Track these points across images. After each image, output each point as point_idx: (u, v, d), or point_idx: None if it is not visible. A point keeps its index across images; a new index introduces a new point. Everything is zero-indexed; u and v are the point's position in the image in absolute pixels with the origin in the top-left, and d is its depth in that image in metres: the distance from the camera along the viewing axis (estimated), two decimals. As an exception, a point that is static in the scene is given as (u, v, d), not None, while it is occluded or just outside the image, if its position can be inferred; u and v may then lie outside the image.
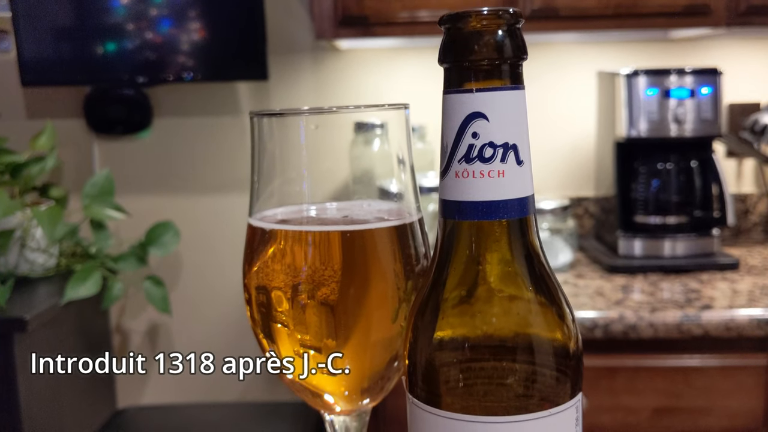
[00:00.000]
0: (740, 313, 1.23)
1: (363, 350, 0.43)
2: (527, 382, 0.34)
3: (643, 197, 1.51)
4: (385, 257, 0.43)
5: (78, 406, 1.57)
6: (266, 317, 0.44)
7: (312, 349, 0.43)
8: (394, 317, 0.43)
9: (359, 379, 0.45)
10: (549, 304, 0.35)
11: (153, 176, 1.75)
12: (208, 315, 1.77)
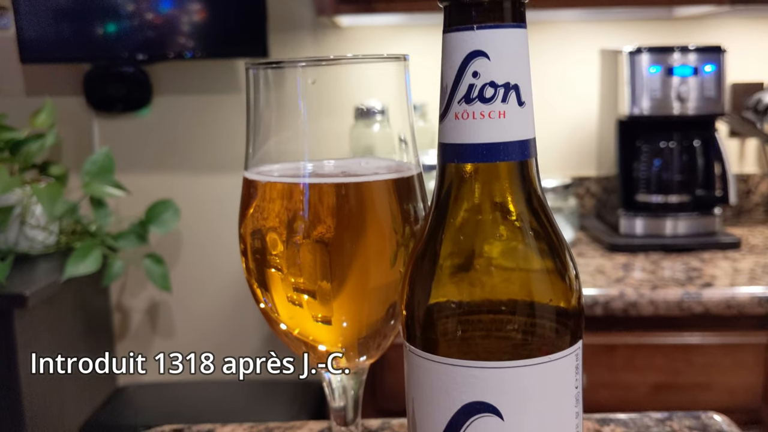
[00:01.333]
0: (741, 291, 1.22)
1: (360, 296, 0.43)
2: (527, 328, 0.33)
3: (645, 176, 1.50)
4: (383, 208, 0.43)
5: (78, 384, 1.57)
6: (261, 263, 0.43)
7: (306, 293, 0.42)
8: (392, 262, 0.42)
9: (356, 329, 0.44)
10: (550, 249, 0.34)
11: (153, 154, 1.74)
12: (208, 293, 1.77)
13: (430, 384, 0.34)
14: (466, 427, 0.34)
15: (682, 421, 0.58)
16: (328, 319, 0.43)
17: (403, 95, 0.46)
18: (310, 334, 0.45)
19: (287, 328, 0.45)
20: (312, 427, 0.59)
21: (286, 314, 0.44)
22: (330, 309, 0.43)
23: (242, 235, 0.44)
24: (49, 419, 1.44)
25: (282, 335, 0.47)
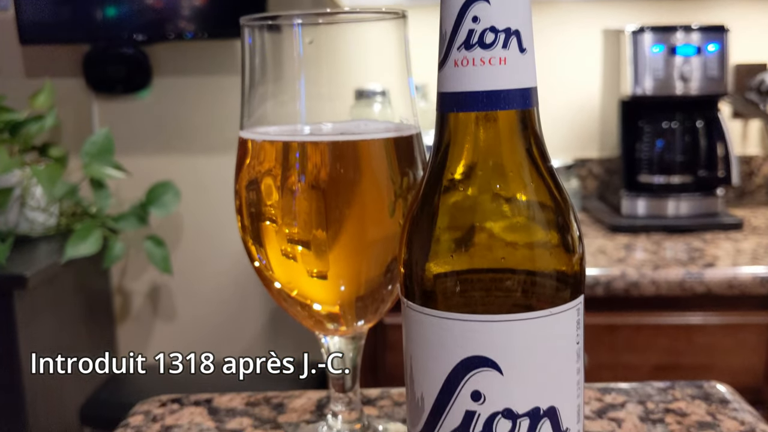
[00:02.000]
0: (743, 271, 1.22)
1: (356, 247, 0.42)
2: (527, 282, 0.33)
3: (648, 156, 1.49)
4: (381, 164, 0.43)
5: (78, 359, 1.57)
6: (255, 216, 0.43)
7: (301, 244, 0.42)
8: (390, 213, 0.42)
9: (353, 286, 0.44)
10: (551, 200, 0.34)
11: (153, 136, 1.73)
12: (209, 275, 1.77)
13: (428, 339, 0.34)
14: (464, 382, 0.33)
15: (685, 390, 0.58)
16: (324, 274, 0.42)
17: (402, 54, 0.45)
18: (307, 292, 0.44)
19: (282, 286, 0.45)
20: (311, 396, 0.59)
21: (281, 270, 0.44)
22: (326, 262, 0.42)
23: (237, 190, 0.44)
24: (50, 398, 1.44)
25: (279, 299, 0.47)
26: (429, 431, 0.35)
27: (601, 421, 0.53)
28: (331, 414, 0.50)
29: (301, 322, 0.48)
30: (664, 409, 0.55)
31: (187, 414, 0.57)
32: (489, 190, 0.33)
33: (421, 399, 0.35)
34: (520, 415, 0.33)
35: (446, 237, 0.34)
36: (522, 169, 0.33)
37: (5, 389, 1.37)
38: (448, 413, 0.34)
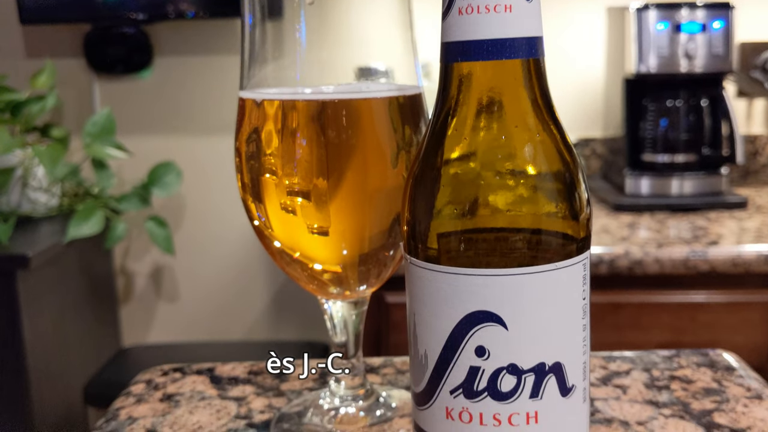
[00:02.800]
0: (747, 249, 1.21)
1: (358, 200, 0.42)
2: (533, 236, 0.32)
3: (652, 135, 1.48)
4: (383, 122, 0.42)
5: (82, 345, 1.58)
6: (255, 170, 0.42)
7: (301, 195, 0.41)
8: (393, 165, 0.41)
9: (355, 243, 0.43)
10: (557, 153, 0.33)
11: (154, 116, 1.73)
12: (212, 256, 1.77)
13: (432, 296, 0.33)
14: (468, 338, 0.33)
15: (690, 358, 0.57)
16: (325, 230, 0.42)
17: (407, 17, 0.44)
18: (308, 250, 0.44)
19: (283, 246, 0.44)
20: (313, 364, 0.59)
21: (281, 227, 0.43)
22: (327, 216, 0.41)
23: (237, 148, 0.43)
24: (53, 378, 1.45)
25: (281, 262, 0.46)
26: (432, 388, 0.34)
27: (606, 388, 0.53)
28: (334, 380, 0.50)
29: (304, 287, 0.48)
30: (670, 376, 0.54)
31: (189, 382, 0.57)
32: (494, 144, 0.32)
33: (424, 356, 0.35)
34: (525, 370, 0.33)
35: (451, 191, 0.33)
36: (528, 121, 0.33)
37: (9, 369, 1.38)
38: (452, 369, 0.33)
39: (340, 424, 0.48)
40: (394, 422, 0.48)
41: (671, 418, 0.48)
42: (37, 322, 1.41)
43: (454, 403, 0.34)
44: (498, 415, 0.33)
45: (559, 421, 0.34)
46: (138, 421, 0.51)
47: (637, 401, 0.51)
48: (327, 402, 0.50)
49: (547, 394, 0.33)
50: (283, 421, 0.50)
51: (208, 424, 0.50)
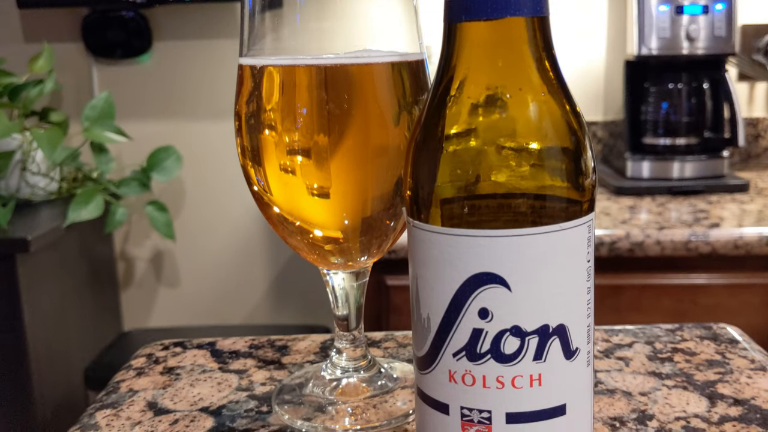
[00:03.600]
0: (749, 231, 1.21)
1: (359, 158, 0.41)
2: (538, 196, 0.32)
3: (653, 118, 1.48)
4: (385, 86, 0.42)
5: (83, 329, 1.58)
6: (254, 129, 0.42)
7: (301, 154, 0.41)
8: (395, 123, 0.41)
9: (357, 206, 0.43)
10: (562, 113, 0.33)
11: (154, 101, 1.72)
12: (212, 241, 1.76)
13: (435, 258, 0.33)
14: (472, 300, 0.32)
15: (693, 331, 0.57)
16: (326, 191, 0.41)
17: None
18: (308, 214, 0.43)
19: (282, 211, 0.44)
20: (315, 339, 0.58)
21: (280, 190, 0.43)
22: (327, 176, 0.41)
23: (237, 112, 0.43)
24: (54, 362, 1.45)
25: (282, 231, 0.46)
26: (435, 352, 0.34)
27: (609, 360, 0.53)
28: (335, 351, 0.50)
29: (306, 258, 0.47)
30: (672, 348, 0.54)
31: (190, 356, 0.56)
32: (499, 103, 0.32)
33: (427, 320, 0.34)
34: (528, 332, 0.32)
35: (453, 153, 0.33)
36: (533, 81, 0.32)
37: (9, 353, 1.38)
38: (455, 332, 0.33)
39: (341, 394, 0.48)
40: (395, 393, 0.48)
41: (674, 389, 0.48)
42: (37, 306, 1.40)
43: (457, 366, 0.33)
44: (501, 378, 0.33)
45: (563, 383, 0.33)
46: (138, 394, 0.51)
47: (640, 373, 0.50)
48: (328, 373, 0.49)
49: (550, 357, 0.33)
50: (284, 393, 0.50)
51: (209, 396, 0.50)
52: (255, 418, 0.47)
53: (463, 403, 0.34)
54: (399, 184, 0.43)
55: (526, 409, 0.33)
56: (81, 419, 0.48)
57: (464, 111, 0.33)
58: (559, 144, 0.32)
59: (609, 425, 0.44)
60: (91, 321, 1.63)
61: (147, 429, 0.46)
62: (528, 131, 0.32)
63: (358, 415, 0.46)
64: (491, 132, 0.32)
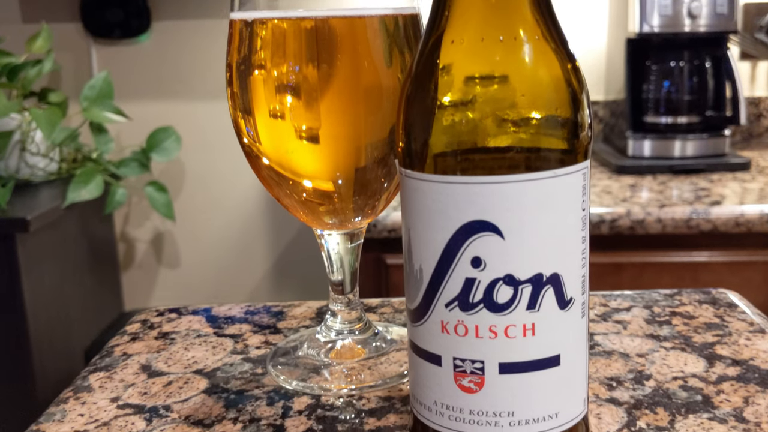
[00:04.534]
0: (750, 208, 1.20)
1: (350, 97, 0.41)
2: (532, 141, 0.31)
3: (654, 97, 1.47)
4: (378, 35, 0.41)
5: (84, 309, 1.58)
6: (244, 73, 0.41)
7: (291, 94, 0.40)
8: (387, 65, 0.40)
9: (351, 154, 0.42)
10: (558, 56, 0.32)
11: (153, 81, 1.71)
12: (212, 222, 1.76)
13: (427, 207, 0.33)
14: (464, 249, 0.32)
15: (692, 296, 0.57)
16: (316, 134, 0.41)
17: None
18: (298, 164, 0.42)
19: (272, 162, 0.43)
20: (311, 305, 0.58)
21: (269, 137, 0.42)
22: (317, 116, 0.40)
23: (228, 63, 0.42)
24: (55, 342, 1.45)
25: (275, 189, 0.45)
26: (427, 303, 0.34)
27: (606, 324, 0.52)
28: (330, 314, 0.49)
29: (300, 218, 0.47)
30: (671, 312, 0.54)
31: (185, 322, 0.56)
32: (492, 48, 0.31)
33: (419, 271, 0.34)
34: (522, 281, 0.32)
35: (446, 97, 0.32)
36: (528, 23, 0.32)
37: (10, 333, 1.38)
38: (447, 282, 0.33)
39: (336, 356, 0.48)
40: (391, 355, 0.48)
41: (672, 351, 0.48)
42: (37, 286, 1.40)
43: (450, 317, 0.33)
44: (494, 327, 0.32)
45: (557, 333, 0.33)
46: (132, 357, 0.51)
47: (638, 335, 0.50)
48: (323, 335, 0.49)
49: (544, 306, 0.32)
50: (278, 355, 0.49)
51: (203, 359, 0.50)
52: (249, 380, 0.47)
53: (455, 354, 0.33)
54: (391, 138, 0.43)
55: (520, 359, 0.33)
56: (74, 382, 0.48)
57: (457, 56, 0.32)
58: (555, 89, 0.32)
59: (605, 385, 0.44)
60: (92, 301, 1.63)
61: (140, 390, 0.46)
62: (522, 78, 0.32)
63: (353, 376, 0.46)
64: (485, 77, 0.32)
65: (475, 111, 0.32)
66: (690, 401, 0.41)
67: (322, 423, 0.41)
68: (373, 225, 1.23)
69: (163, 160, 1.61)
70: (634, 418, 0.40)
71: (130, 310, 1.76)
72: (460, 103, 0.32)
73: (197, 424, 0.41)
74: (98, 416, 0.43)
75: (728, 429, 0.38)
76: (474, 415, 0.34)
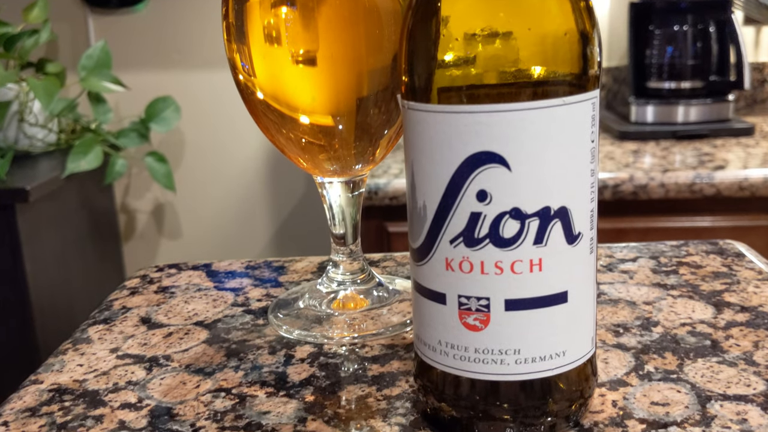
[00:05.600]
0: (754, 172, 1.19)
1: (351, 23, 0.39)
2: (540, 68, 0.30)
3: (658, 62, 1.45)
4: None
5: (85, 280, 1.57)
6: (239, 14, 0.40)
7: (287, 13, 0.39)
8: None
9: (351, 87, 0.41)
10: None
11: (151, 51, 1.70)
12: (213, 193, 1.75)
13: (431, 139, 0.32)
14: (470, 182, 0.31)
15: (699, 247, 0.56)
16: (312, 56, 0.39)
17: None
18: (295, 93, 0.41)
19: (266, 97, 0.42)
20: (312, 260, 0.57)
21: (264, 67, 0.41)
22: (314, 35, 0.39)
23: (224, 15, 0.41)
24: (57, 312, 1.45)
25: (273, 131, 0.44)
26: (431, 241, 0.33)
27: (612, 274, 0.51)
28: (332, 264, 0.49)
29: (300, 166, 0.46)
30: (678, 262, 0.53)
31: (185, 276, 0.56)
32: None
33: (423, 208, 0.33)
34: (528, 215, 0.31)
35: (451, 22, 0.31)
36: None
37: (12, 304, 1.37)
38: (452, 217, 0.32)
39: (338, 306, 0.47)
40: (393, 305, 0.47)
41: (680, 299, 0.47)
42: (39, 257, 1.40)
43: (454, 253, 0.32)
44: (500, 263, 0.32)
45: (565, 269, 0.32)
46: (132, 311, 0.50)
47: (644, 284, 0.49)
48: (325, 286, 0.48)
49: (552, 241, 0.32)
50: (280, 307, 0.49)
51: (203, 312, 0.49)
52: (251, 330, 0.46)
53: (460, 291, 0.33)
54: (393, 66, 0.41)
55: (526, 296, 0.32)
56: (73, 335, 0.47)
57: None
58: (563, 15, 0.31)
59: (612, 331, 0.43)
60: (94, 273, 1.62)
61: (140, 341, 0.45)
62: (531, 3, 0.30)
63: (356, 325, 0.45)
64: (492, 4, 0.31)
65: (481, 37, 0.30)
66: (698, 346, 0.41)
67: (324, 370, 0.41)
68: (375, 192, 1.22)
69: (163, 130, 1.60)
70: (641, 362, 0.39)
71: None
72: (465, 29, 0.31)
73: (198, 372, 0.41)
74: (97, 366, 0.43)
75: (738, 372, 0.38)
76: (479, 353, 0.33)
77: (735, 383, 0.37)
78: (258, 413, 0.36)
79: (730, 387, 0.36)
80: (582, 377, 0.34)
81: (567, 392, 0.34)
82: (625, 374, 0.38)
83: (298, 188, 1.73)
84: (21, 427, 0.36)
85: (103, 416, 0.37)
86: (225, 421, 0.36)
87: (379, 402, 0.37)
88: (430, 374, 0.35)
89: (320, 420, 0.35)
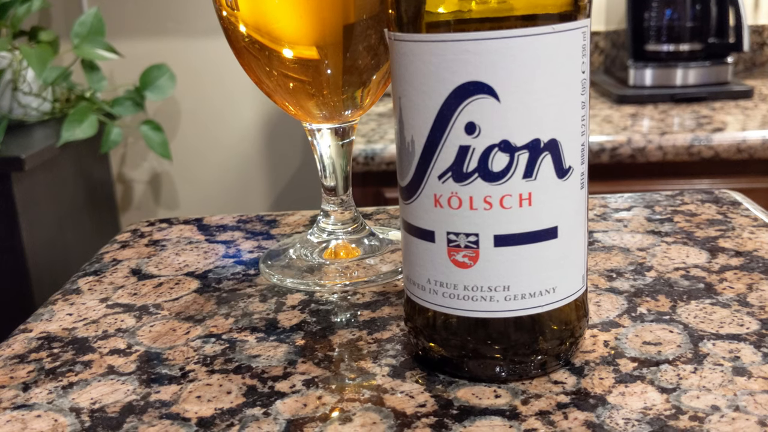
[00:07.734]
0: (753, 134, 1.19)
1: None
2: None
3: (656, 25, 1.44)
4: None
5: (83, 250, 1.57)
6: None
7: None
8: None
9: (339, 13, 0.40)
10: None
11: (144, 18, 1.68)
12: (210, 161, 1.75)
13: (418, 71, 0.31)
14: (458, 114, 0.31)
15: (694, 196, 0.55)
16: None
17: None
18: (276, 24, 0.40)
19: (248, 30, 0.41)
20: (304, 213, 0.57)
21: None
22: None
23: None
24: (56, 281, 1.44)
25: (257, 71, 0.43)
26: (420, 177, 0.32)
27: (606, 222, 0.51)
28: (323, 214, 0.48)
29: (289, 112, 0.45)
30: (673, 211, 0.52)
31: (176, 230, 0.55)
32: None
33: (411, 143, 0.33)
34: (518, 147, 0.31)
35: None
36: None
37: (9, 275, 1.37)
38: (440, 151, 0.31)
39: (330, 255, 0.47)
40: (385, 255, 0.47)
41: (674, 245, 0.47)
42: (36, 226, 1.40)
43: (443, 189, 0.32)
44: (489, 198, 0.31)
45: (555, 204, 0.32)
46: (122, 263, 0.50)
47: (639, 232, 0.49)
48: (316, 237, 0.48)
49: (541, 174, 0.31)
50: (271, 257, 0.48)
51: (195, 263, 0.49)
52: (242, 280, 0.46)
53: (449, 228, 0.32)
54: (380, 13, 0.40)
55: (515, 231, 0.32)
56: (63, 287, 0.47)
57: None
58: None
59: (605, 276, 0.43)
60: (91, 243, 1.62)
61: (130, 291, 0.45)
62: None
63: (348, 273, 0.45)
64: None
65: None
66: (692, 288, 0.40)
67: (315, 316, 0.40)
68: (371, 158, 1.21)
69: (158, 98, 1.59)
70: (634, 305, 0.39)
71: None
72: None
73: (188, 320, 0.41)
74: (87, 315, 0.42)
75: (731, 312, 0.37)
76: (468, 290, 0.32)
77: (728, 323, 0.36)
78: (248, 357, 0.36)
79: (723, 327, 0.36)
80: (573, 316, 0.34)
81: (557, 330, 0.33)
82: (618, 316, 0.38)
83: (294, 155, 1.72)
84: (9, 373, 0.36)
85: (92, 362, 0.37)
86: (215, 364, 0.36)
87: (370, 345, 0.37)
88: (420, 315, 0.35)
89: (310, 362, 0.35)
